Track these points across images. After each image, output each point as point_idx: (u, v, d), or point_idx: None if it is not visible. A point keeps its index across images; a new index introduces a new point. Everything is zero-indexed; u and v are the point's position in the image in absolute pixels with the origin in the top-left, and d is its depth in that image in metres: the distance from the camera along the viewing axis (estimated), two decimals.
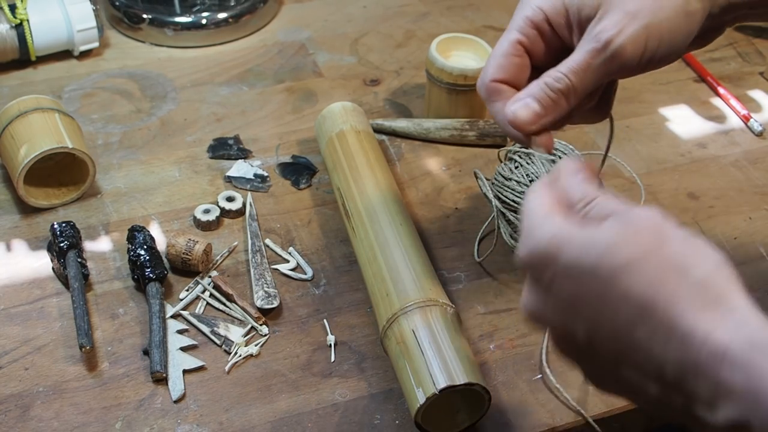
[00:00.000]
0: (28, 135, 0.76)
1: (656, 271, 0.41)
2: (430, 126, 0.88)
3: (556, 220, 0.45)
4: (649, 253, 0.42)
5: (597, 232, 0.43)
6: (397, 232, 0.69)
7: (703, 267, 0.42)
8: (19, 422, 0.62)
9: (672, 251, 0.42)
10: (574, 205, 0.46)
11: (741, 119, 0.94)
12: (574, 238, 0.43)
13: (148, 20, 1.00)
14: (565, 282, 0.44)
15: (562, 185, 0.48)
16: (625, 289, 0.42)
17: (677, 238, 0.43)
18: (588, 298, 0.43)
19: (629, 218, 0.43)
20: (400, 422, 0.63)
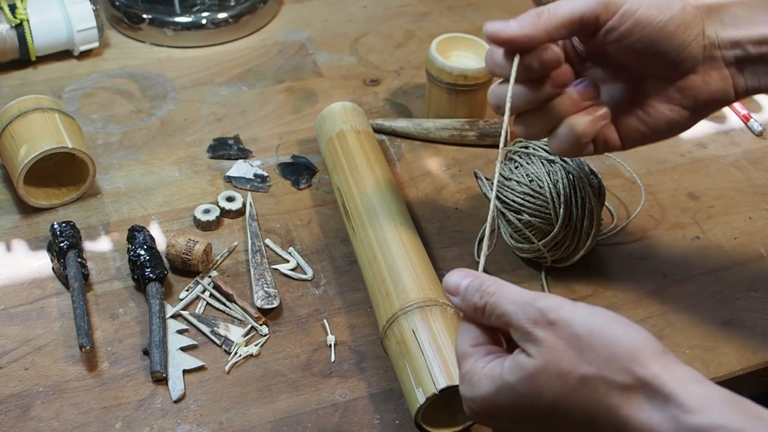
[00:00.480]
0: (28, 135, 0.76)
1: (581, 400, 0.46)
2: (430, 126, 0.88)
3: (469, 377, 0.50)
4: (561, 390, 0.46)
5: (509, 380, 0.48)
6: (397, 232, 0.69)
7: (623, 372, 0.45)
8: (19, 422, 0.62)
9: (582, 374, 0.46)
10: (476, 315, 0.51)
11: (741, 119, 0.94)
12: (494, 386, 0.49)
13: (148, 20, 1.00)
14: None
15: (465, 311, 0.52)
16: (568, 421, 0.47)
17: (577, 357, 0.46)
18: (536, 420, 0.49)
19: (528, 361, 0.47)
20: (400, 422, 0.63)
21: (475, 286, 0.51)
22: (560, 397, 0.46)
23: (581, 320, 0.47)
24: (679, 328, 0.71)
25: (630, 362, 0.45)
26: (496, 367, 0.49)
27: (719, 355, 0.69)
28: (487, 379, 0.49)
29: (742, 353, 0.69)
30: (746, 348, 0.70)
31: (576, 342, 0.46)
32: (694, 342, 0.70)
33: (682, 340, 0.70)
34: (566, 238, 0.71)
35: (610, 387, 0.45)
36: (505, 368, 0.48)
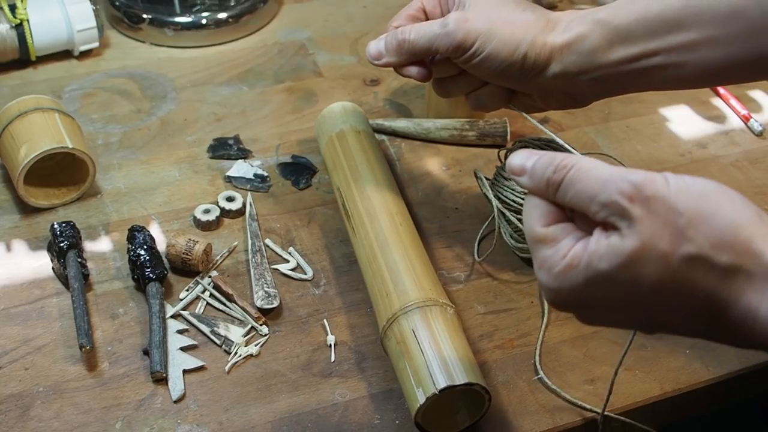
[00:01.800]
0: (28, 135, 0.76)
1: (682, 283, 0.43)
2: (430, 126, 0.88)
3: (561, 248, 0.46)
4: (664, 272, 0.43)
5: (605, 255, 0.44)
6: (397, 232, 0.69)
7: (724, 251, 0.43)
8: (19, 422, 0.62)
9: (684, 253, 0.43)
10: (549, 188, 0.47)
11: (741, 119, 0.94)
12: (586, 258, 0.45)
13: (148, 20, 1.00)
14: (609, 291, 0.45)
15: (536, 187, 0.48)
16: (664, 307, 0.44)
17: (678, 235, 0.43)
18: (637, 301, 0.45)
19: (634, 235, 0.43)
20: (400, 422, 0.63)
21: (545, 161, 0.47)
22: (661, 280, 0.43)
23: (679, 195, 0.43)
24: None
25: (732, 240, 0.43)
26: (580, 253, 0.45)
27: (719, 355, 0.69)
28: (574, 270, 0.45)
29: (742, 353, 0.69)
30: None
31: (675, 219, 0.43)
32: (694, 342, 0.70)
33: (682, 340, 0.70)
34: None
35: (711, 268, 0.43)
36: (596, 255, 0.44)
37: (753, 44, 0.58)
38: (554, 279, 0.46)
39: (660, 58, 0.60)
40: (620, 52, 0.61)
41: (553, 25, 0.63)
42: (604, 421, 0.65)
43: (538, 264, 0.47)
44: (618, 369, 0.59)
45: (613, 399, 0.65)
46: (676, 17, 0.59)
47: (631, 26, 0.60)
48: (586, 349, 0.69)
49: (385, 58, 0.67)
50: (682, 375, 0.68)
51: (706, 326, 0.45)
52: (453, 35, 0.62)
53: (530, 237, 0.48)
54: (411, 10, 0.69)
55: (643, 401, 0.66)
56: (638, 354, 0.69)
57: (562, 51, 0.62)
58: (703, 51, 0.59)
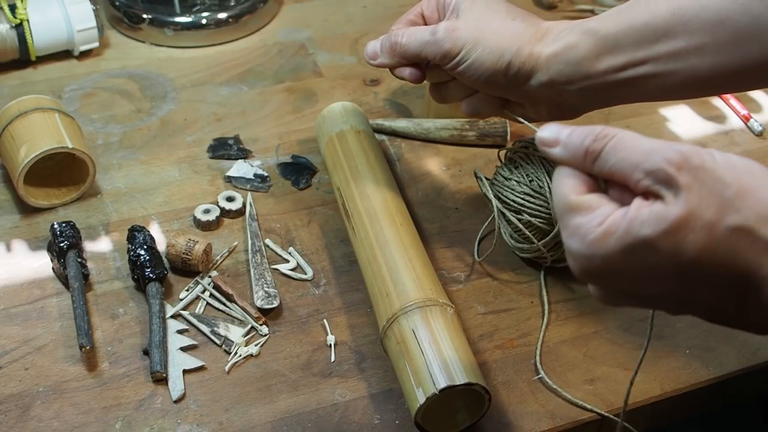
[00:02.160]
0: (28, 135, 0.76)
1: (725, 254, 0.42)
2: (430, 126, 0.88)
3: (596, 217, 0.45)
4: (708, 242, 0.42)
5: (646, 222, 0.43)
6: (397, 232, 0.69)
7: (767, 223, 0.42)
8: (19, 422, 0.62)
9: (730, 223, 0.42)
10: (585, 159, 0.46)
11: (741, 119, 0.94)
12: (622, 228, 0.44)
13: (148, 20, 1.00)
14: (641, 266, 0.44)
15: (569, 157, 0.47)
16: (702, 279, 0.43)
17: (725, 205, 0.42)
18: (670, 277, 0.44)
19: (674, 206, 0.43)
20: (400, 422, 0.63)
21: (583, 131, 0.46)
22: (704, 250, 0.42)
23: (726, 168, 0.43)
24: (679, 328, 0.71)
25: None
26: (619, 220, 0.44)
27: (719, 355, 0.69)
28: (611, 236, 0.43)
29: (742, 353, 0.69)
30: (746, 348, 0.70)
31: (723, 190, 0.42)
32: (694, 342, 0.70)
33: (682, 340, 0.70)
34: None
35: (754, 241, 0.42)
36: (637, 222, 0.43)
37: (740, 51, 0.58)
38: (589, 246, 0.44)
39: (648, 67, 0.61)
40: (608, 62, 0.61)
41: (543, 35, 0.64)
42: (604, 422, 0.65)
43: (570, 231, 0.45)
44: (638, 368, 0.57)
45: (613, 399, 0.66)
46: (664, 26, 0.59)
47: (618, 35, 0.61)
48: (586, 349, 0.69)
49: (380, 58, 0.69)
50: (682, 375, 0.68)
51: (736, 305, 0.44)
52: (441, 43, 0.65)
53: (562, 205, 0.46)
54: (411, 15, 0.71)
55: (643, 401, 0.66)
56: (638, 354, 0.69)
57: (549, 61, 0.63)
58: (691, 59, 0.59)
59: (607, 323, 0.71)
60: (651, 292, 0.46)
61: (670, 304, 0.47)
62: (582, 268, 0.46)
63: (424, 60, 0.67)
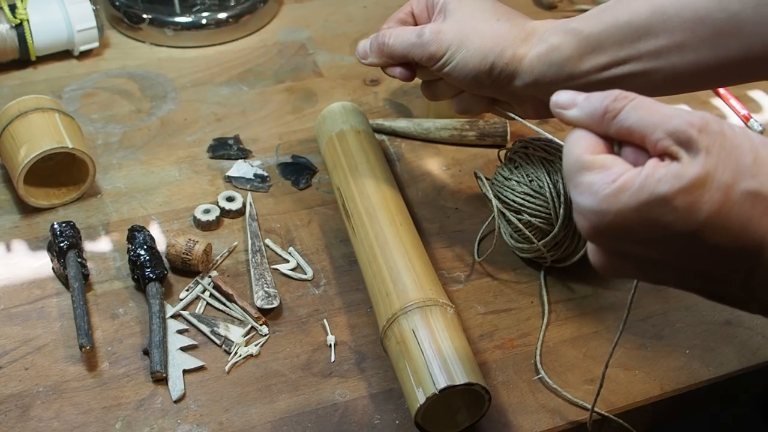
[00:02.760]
0: (28, 135, 0.76)
1: (739, 218, 0.42)
2: (430, 126, 0.88)
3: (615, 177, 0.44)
4: (723, 204, 0.42)
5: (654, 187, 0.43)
6: (397, 232, 0.69)
7: None
8: (19, 422, 0.62)
9: (746, 188, 0.42)
10: (603, 121, 0.46)
11: (741, 119, 0.94)
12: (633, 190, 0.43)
13: (148, 20, 1.00)
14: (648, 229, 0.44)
15: (582, 118, 0.47)
16: (714, 243, 0.43)
17: (742, 171, 0.42)
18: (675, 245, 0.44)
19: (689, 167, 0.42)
20: (400, 422, 0.63)
21: (601, 94, 0.46)
22: (719, 211, 0.42)
23: (744, 137, 0.43)
24: (679, 328, 0.71)
25: None
26: (635, 178, 0.43)
27: (719, 355, 0.69)
28: (626, 192, 0.43)
29: (742, 353, 0.69)
30: (746, 348, 0.70)
31: (741, 156, 0.42)
32: (694, 342, 0.70)
33: (682, 340, 0.70)
34: (566, 238, 0.71)
35: None
36: (653, 179, 0.42)
37: (721, 48, 0.59)
38: (601, 201, 0.44)
39: (631, 65, 0.61)
40: (591, 62, 0.62)
41: (527, 36, 0.64)
42: (604, 422, 0.65)
43: (582, 188, 0.45)
44: (609, 360, 0.58)
45: (613, 399, 0.66)
46: (645, 25, 0.60)
47: (601, 35, 0.61)
48: (586, 349, 0.69)
49: (369, 58, 0.71)
50: (682, 375, 0.68)
51: (743, 276, 0.44)
52: (426, 46, 0.66)
53: (575, 163, 0.45)
54: (401, 14, 0.72)
55: (643, 401, 0.66)
56: (638, 354, 0.69)
57: (533, 62, 0.63)
58: (673, 57, 0.60)
59: (607, 323, 0.71)
60: (658, 256, 0.45)
61: (675, 273, 0.46)
62: (592, 225, 0.45)
63: (410, 60, 0.68)
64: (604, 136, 0.46)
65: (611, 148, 0.46)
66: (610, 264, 0.47)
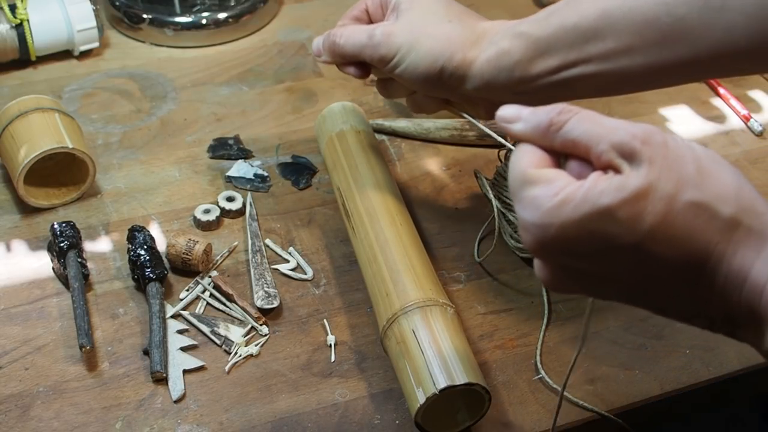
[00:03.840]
0: (28, 135, 0.76)
1: (682, 229, 0.43)
2: (430, 126, 0.88)
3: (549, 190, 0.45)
4: (666, 214, 0.42)
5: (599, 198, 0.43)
6: (397, 232, 0.69)
7: (727, 204, 0.43)
8: (19, 422, 0.62)
9: (689, 198, 0.43)
10: (547, 135, 0.46)
11: (741, 119, 0.94)
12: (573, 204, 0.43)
13: (148, 20, 1.00)
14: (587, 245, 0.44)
15: (525, 132, 0.48)
16: (658, 255, 0.43)
17: (685, 181, 0.43)
18: (620, 259, 0.44)
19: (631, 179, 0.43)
20: (400, 422, 0.63)
21: (547, 107, 0.46)
22: (662, 222, 0.42)
23: (687, 149, 0.44)
24: (679, 328, 0.71)
25: (736, 195, 0.43)
26: (577, 191, 0.43)
27: (719, 355, 0.69)
28: (568, 204, 0.43)
29: (742, 353, 0.69)
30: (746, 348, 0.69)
31: (683, 167, 0.43)
32: (694, 342, 0.70)
33: (682, 340, 0.70)
34: None
35: (712, 218, 0.43)
36: (596, 191, 0.43)
37: (669, 51, 0.59)
38: (543, 214, 0.44)
39: (580, 68, 0.61)
40: (541, 65, 0.62)
41: (478, 38, 0.64)
42: (604, 422, 0.65)
43: (525, 203, 0.45)
44: (580, 349, 0.57)
45: (613, 399, 0.66)
46: (593, 28, 0.60)
47: (550, 39, 0.61)
48: (586, 349, 0.69)
49: (323, 56, 0.71)
50: (682, 375, 0.68)
51: (691, 285, 0.44)
52: (377, 48, 0.66)
53: (519, 178, 0.46)
54: (356, 11, 0.72)
55: (643, 401, 0.66)
56: (638, 354, 0.69)
57: (482, 66, 0.64)
58: (621, 60, 0.60)
59: (607, 323, 0.71)
60: (603, 269, 0.45)
61: (620, 287, 0.46)
62: (536, 239, 0.45)
63: (361, 61, 0.68)
64: (549, 150, 0.47)
65: (557, 162, 0.46)
66: (555, 279, 0.47)
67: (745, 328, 0.45)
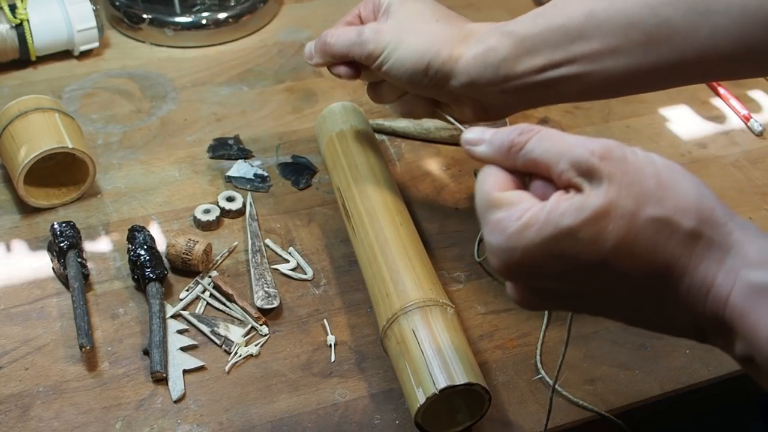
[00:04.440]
0: (28, 135, 0.76)
1: (645, 244, 0.43)
2: (430, 126, 0.88)
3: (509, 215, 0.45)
4: (628, 231, 0.43)
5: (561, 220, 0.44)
6: (397, 232, 0.69)
7: (688, 216, 0.43)
8: (19, 422, 0.62)
9: (650, 214, 0.43)
10: (509, 159, 0.47)
11: (741, 119, 0.94)
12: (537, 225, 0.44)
13: (148, 20, 1.00)
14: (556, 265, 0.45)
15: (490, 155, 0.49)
16: (622, 271, 0.44)
17: (645, 197, 0.43)
18: (584, 277, 0.45)
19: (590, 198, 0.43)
20: (400, 422, 0.63)
21: (509, 129, 0.47)
22: (624, 239, 0.43)
23: (647, 162, 0.44)
24: None
25: (697, 207, 0.43)
26: (539, 213, 0.44)
27: (719, 355, 0.69)
28: (531, 228, 0.44)
29: None
30: None
31: (643, 181, 0.43)
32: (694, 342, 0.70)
33: (682, 340, 0.70)
34: None
35: (674, 232, 0.43)
36: (557, 213, 0.43)
37: (653, 53, 0.60)
38: (508, 239, 0.45)
39: (565, 68, 0.62)
40: (526, 64, 0.62)
41: (465, 37, 0.65)
42: (604, 422, 0.65)
43: (491, 227, 0.46)
44: (567, 343, 0.57)
45: (613, 399, 0.66)
46: (579, 29, 0.60)
47: (536, 38, 0.62)
48: (586, 349, 0.69)
49: (315, 58, 0.72)
50: (682, 375, 0.68)
51: (657, 299, 0.45)
52: (365, 44, 0.67)
53: (484, 202, 0.47)
54: (349, 17, 0.73)
55: (643, 401, 0.66)
56: (638, 354, 0.69)
57: (469, 63, 0.64)
58: (606, 61, 0.61)
59: (607, 323, 0.71)
60: (571, 288, 0.46)
61: (590, 303, 0.47)
62: (502, 262, 0.46)
63: (351, 59, 0.69)
64: (513, 171, 0.47)
65: (522, 182, 0.47)
66: (526, 299, 0.48)
67: (714, 337, 0.46)
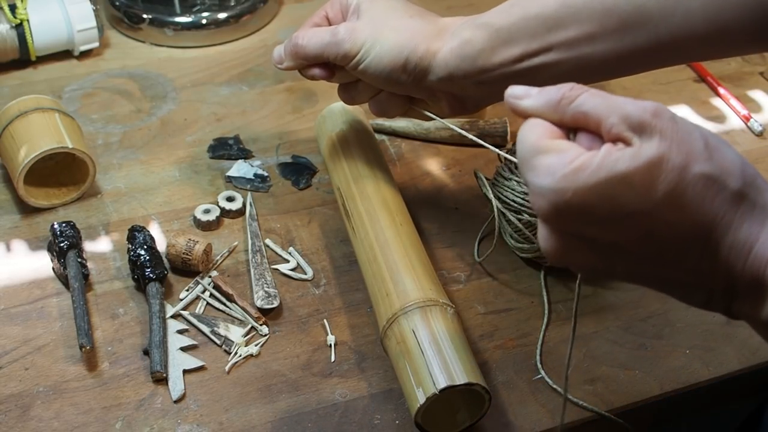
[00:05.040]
0: (28, 135, 0.76)
1: (693, 199, 0.44)
2: (430, 126, 0.88)
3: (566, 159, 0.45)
4: (678, 183, 0.43)
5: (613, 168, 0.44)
6: (397, 232, 0.69)
7: (734, 177, 0.45)
8: (19, 422, 0.62)
9: (699, 170, 0.44)
10: (558, 109, 0.47)
11: (741, 119, 0.94)
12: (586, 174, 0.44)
13: (148, 20, 1.00)
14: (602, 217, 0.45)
15: (537, 108, 0.49)
16: (668, 223, 0.44)
17: (695, 154, 0.44)
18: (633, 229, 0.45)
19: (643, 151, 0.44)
20: (400, 422, 0.63)
21: (556, 86, 0.47)
22: (674, 190, 0.43)
23: (693, 125, 0.45)
24: (679, 328, 0.71)
25: (741, 171, 0.45)
26: (592, 158, 0.44)
27: (719, 355, 0.69)
28: (585, 170, 0.44)
29: (742, 353, 0.69)
30: (746, 348, 0.70)
31: (693, 141, 0.44)
32: (694, 342, 0.70)
33: (682, 340, 0.70)
34: None
35: (721, 190, 0.44)
36: (611, 159, 0.43)
37: (629, 38, 0.60)
38: (560, 179, 0.44)
39: (542, 57, 0.62)
40: (503, 54, 0.63)
41: (440, 31, 0.65)
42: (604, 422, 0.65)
43: (540, 171, 0.45)
44: (572, 341, 0.57)
45: (613, 399, 0.66)
46: (554, 17, 0.61)
47: (512, 28, 0.62)
48: (586, 349, 0.69)
49: (285, 62, 0.70)
50: (682, 375, 0.68)
51: (697, 255, 0.45)
52: (341, 44, 0.66)
53: (531, 149, 0.46)
54: (316, 18, 0.72)
55: (643, 401, 0.66)
56: (638, 354, 0.69)
57: (446, 56, 0.64)
58: (583, 47, 0.61)
59: (607, 323, 0.71)
60: (613, 236, 0.46)
61: (626, 257, 0.47)
62: (550, 204, 0.45)
63: (325, 60, 0.68)
64: (558, 125, 0.47)
65: (566, 135, 0.47)
66: (562, 248, 0.48)
67: (743, 300, 0.46)
